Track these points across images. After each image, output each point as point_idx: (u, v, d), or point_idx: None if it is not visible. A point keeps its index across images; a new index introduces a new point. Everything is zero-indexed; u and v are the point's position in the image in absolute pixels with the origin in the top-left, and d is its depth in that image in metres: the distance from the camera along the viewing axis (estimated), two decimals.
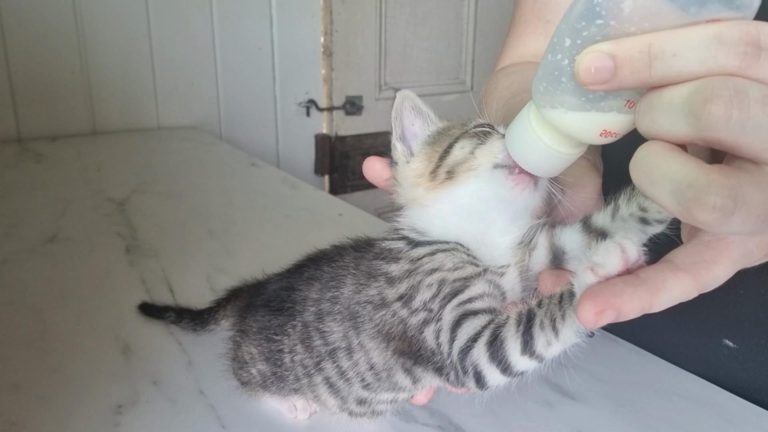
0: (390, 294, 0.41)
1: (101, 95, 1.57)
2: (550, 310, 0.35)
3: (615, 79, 0.28)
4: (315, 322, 0.44)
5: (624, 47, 0.28)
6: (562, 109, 0.32)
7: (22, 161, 1.31)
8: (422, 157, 0.43)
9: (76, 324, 0.63)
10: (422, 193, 0.42)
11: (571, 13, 0.30)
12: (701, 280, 0.31)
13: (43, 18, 1.46)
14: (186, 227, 0.94)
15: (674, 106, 0.27)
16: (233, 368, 0.51)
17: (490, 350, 0.36)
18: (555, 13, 0.70)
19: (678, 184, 0.27)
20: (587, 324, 0.30)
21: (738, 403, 0.53)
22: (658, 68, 0.27)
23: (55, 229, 0.90)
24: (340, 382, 0.44)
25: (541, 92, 0.33)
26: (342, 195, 2.00)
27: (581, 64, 0.29)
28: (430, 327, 0.39)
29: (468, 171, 0.40)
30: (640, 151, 0.29)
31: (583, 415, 0.51)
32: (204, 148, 1.50)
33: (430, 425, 0.49)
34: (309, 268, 0.48)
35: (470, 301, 0.38)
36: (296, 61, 1.87)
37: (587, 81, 0.29)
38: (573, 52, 0.30)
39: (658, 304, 0.30)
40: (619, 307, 0.30)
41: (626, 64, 0.28)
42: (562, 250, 0.40)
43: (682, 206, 0.27)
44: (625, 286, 0.30)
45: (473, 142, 0.41)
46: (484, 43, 2.17)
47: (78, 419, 0.49)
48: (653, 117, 0.28)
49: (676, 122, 0.27)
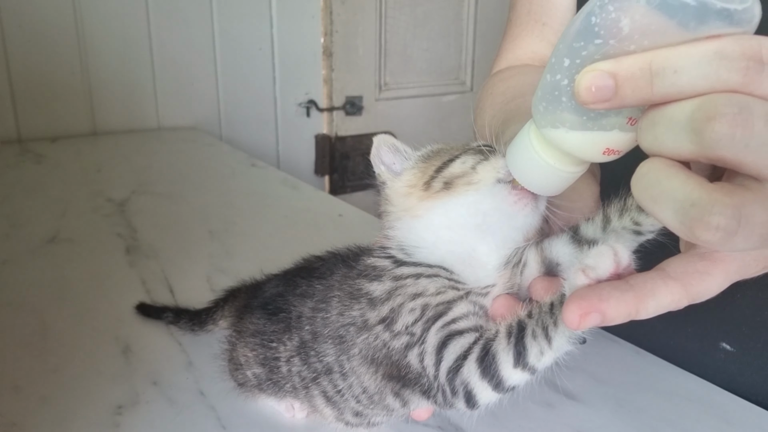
0: (372, 317, 0.40)
1: (101, 96, 1.57)
2: (541, 319, 0.34)
3: (616, 98, 0.28)
4: (311, 341, 0.44)
5: (625, 65, 0.28)
6: (563, 129, 0.32)
7: (23, 162, 1.31)
8: (415, 171, 0.42)
9: (76, 324, 0.63)
10: (414, 202, 0.41)
11: (568, 32, 0.30)
12: (692, 290, 0.30)
13: (43, 19, 1.47)
14: (186, 228, 0.94)
15: (677, 123, 0.27)
16: (229, 369, 0.51)
17: (482, 366, 0.36)
18: (551, 15, 0.70)
19: (681, 203, 0.27)
20: (571, 326, 0.30)
21: (738, 404, 0.53)
22: (660, 85, 0.27)
23: (55, 230, 0.90)
24: (337, 396, 0.44)
25: (541, 112, 0.32)
26: (342, 195, 2.00)
27: (581, 83, 0.28)
28: (414, 351, 0.38)
29: (467, 185, 0.39)
30: (641, 168, 0.29)
31: (583, 415, 0.51)
32: (204, 148, 1.50)
33: (430, 425, 0.49)
34: (303, 280, 0.47)
35: (454, 322, 0.38)
36: (296, 61, 1.87)
37: (588, 100, 0.28)
38: (572, 71, 0.30)
39: (645, 311, 0.30)
40: (604, 311, 0.29)
41: (627, 83, 0.27)
42: (556, 262, 0.40)
43: (684, 225, 0.27)
44: (613, 290, 0.30)
45: (476, 158, 0.40)
46: (484, 43, 2.17)
47: (78, 420, 0.49)
48: (655, 134, 0.28)
49: (678, 140, 0.27)
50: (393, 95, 2.06)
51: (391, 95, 2.06)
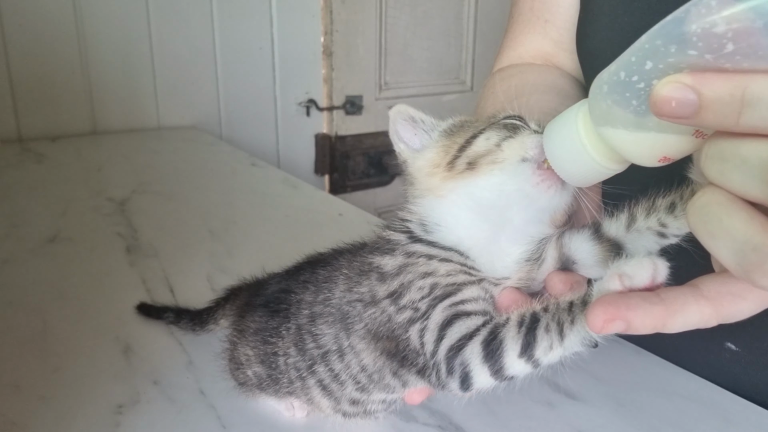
0: (381, 291, 0.40)
1: (101, 95, 1.57)
2: (558, 315, 0.34)
3: (695, 118, 0.25)
4: (307, 324, 0.44)
5: (715, 86, 0.24)
6: (623, 131, 0.30)
7: (23, 161, 1.31)
8: (438, 149, 0.41)
9: (77, 324, 0.63)
10: (438, 182, 0.40)
11: (657, 33, 0.26)
12: (723, 311, 0.30)
13: (44, 18, 1.46)
14: (186, 227, 0.94)
15: (749, 167, 0.25)
16: (230, 368, 0.51)
17: (487, 349, 0.35)
18: (554, 12, 0.69)
19: (741, 245, 0.25)
20: (594, 329, 0.30)
21: (738, 403, 0.53)
22: (749, 118, 0.24)
23: (55, 229, 0.90)
24: (333, 384, 0.43)
25: (603, 110, 0.30)
26: (342, 195, 2.00)
27: (661, 93, 0.26)
28: (415, 326, 0.38)
29: (492, 164, 0.38)
30: (701, 198, 0.28)
31: (584, 415, 0.51)
32: (204, 148, 1.50)
33: (430, 425, 0.49)
34: (306, 271, 0.48)
35: (462, 303, 0.37)
36: (296, 61, 1.87)
37: (664, 112, 0.26)
38: (652, 76, 0.27)
39: (673, 326, 0.30)
40: (630, 320, 0.29)
41: (713, 106, 0.25)
42: (572, 260, 0.39)
43: (741, 267, 0.26)
44: (642, 301, 0.29)
45: (501, 134, 0.39)
46: (484, 43, 2.17)
47: (78, 419, 0.49)
48: (723, 170, 0.26)
49: (747, 183, 0.25)
50: (393, 94, 2.06)
51: (392, 94, 2.06)
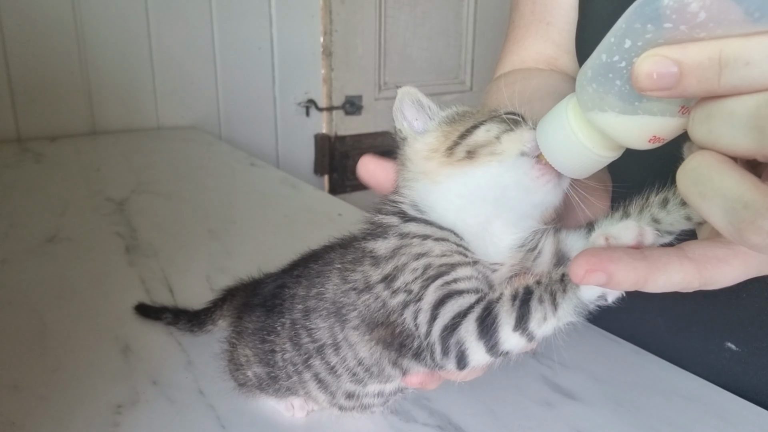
0: (374, 275, 0.40)
1: (101, 95, 1.57)
2: (551, 286, 0.34)
3: (678, 87, 0.26)
4: (302, 319, 0.44)
5: (692, 53, 0.25)
6: (612, 113, 0.30)
7: (22, 161, 1.31)
8: (438, 134, 0.41)
9: (76, 324, 0.63)
10: (435, 167, 0.40)
11: (633, 12, 0.27)
12: (706, 274, 0.30)
13: (43, 18, 1.46)
14: (186, 227, 0.94)
15: (737, 118, 0.25)
16: (230, 370, 0.51)
17: (482, 326, 0.35)
18: (555, 15, 0.68)
19: (732, 203, 0.26)
20: (575, 278, 0.30)
21: (738, 403, 0.53)
22: (729, 77, 0.25)
23: (54, 229, 0.90)
24: (329, 377, 0.43)
25: (590, 94, 0.31)
26: (341, 195, 2.00)
27: (642, 68, 0.27)
28: (409, 308, 0.38)
29: (491, 155, 0.38)
30: (690, 162, 0.28)
31: (583, 415, 0.51)
32: (204, 148, 1.50)
33: (430, 425, 0.49)
34: (299, 266, 0.48)
35: (455, 282, 0.37)
36: (296, 61, 1.87)
37: (646, 87, 0.27)
38: (632, 54, 0.28)
39: (654, 284, 0.29)
40: (611, 273, 0.29)
41: (693, 72, 0.26)
42: (567, 257, 0.39)
43: (733, 226, 0.26)
44: (625, 255, 0.29)
45: (501, 127, 0.39)
46: (484, 43, 2.17)
47: (78, 419, 0.49)
48: (711, 127, 0.27)
49: (736, 136, 0.26)
50: (392, 95, 2.02)
51: (391, 94, 2.04)
